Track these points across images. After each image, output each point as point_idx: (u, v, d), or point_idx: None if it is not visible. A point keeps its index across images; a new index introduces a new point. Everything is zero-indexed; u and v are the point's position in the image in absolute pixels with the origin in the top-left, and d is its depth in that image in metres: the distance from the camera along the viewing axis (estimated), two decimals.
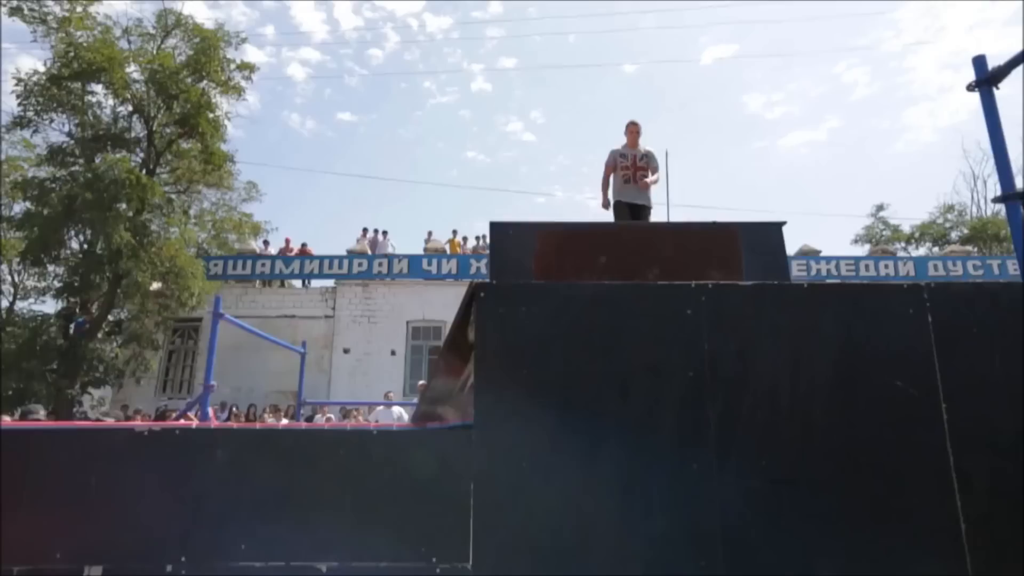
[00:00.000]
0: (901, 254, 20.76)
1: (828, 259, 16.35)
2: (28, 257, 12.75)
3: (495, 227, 4.07)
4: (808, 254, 16.45)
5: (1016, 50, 2.34)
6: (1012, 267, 16.00)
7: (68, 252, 13.59)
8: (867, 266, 16.33)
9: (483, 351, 1.97)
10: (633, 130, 5.44)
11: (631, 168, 5.34)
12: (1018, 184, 2.40)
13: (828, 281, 16.06)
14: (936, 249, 22.63)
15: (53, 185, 12.64)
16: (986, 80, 2.34)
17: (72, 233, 13.34)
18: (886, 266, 16.27)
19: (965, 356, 1.99)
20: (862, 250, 24.09)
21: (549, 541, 1.80)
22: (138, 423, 5.05)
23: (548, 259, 3.88)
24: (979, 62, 2.38)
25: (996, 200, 2.40)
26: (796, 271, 16.10)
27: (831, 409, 1.97)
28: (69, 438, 1.90)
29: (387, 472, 1.85)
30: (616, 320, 1.96)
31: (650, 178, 5.37)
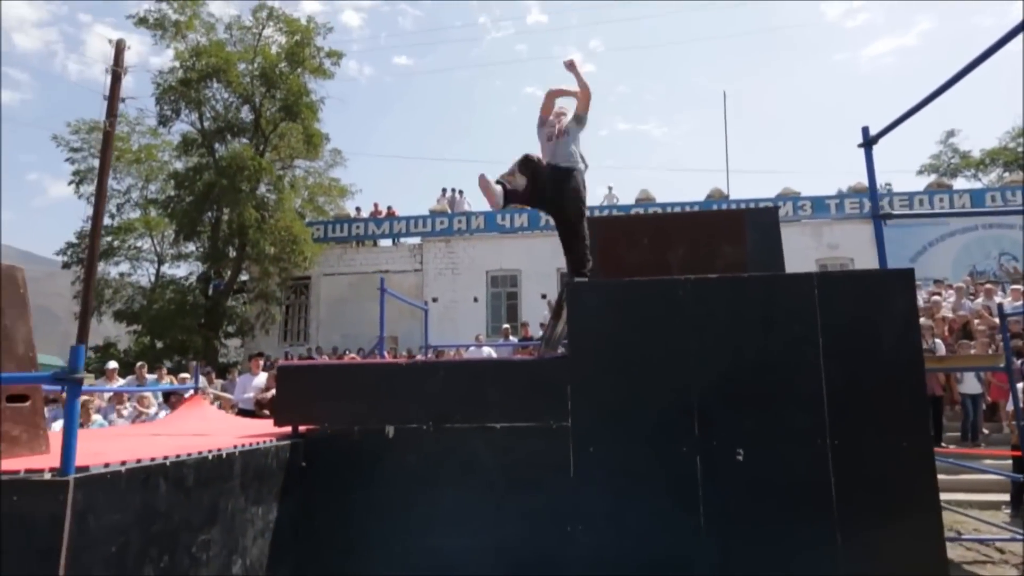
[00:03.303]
0: (967, 183, 20.78)
1: (880, 195, 16.97)
2: (182, 233, 15.47)
3: None
4: (860, 191, 17.12)
5: None
6: None
7: (208, 227, 16.26)
8: (921, 201, 16.88)
9: (571, 316, 3.78)
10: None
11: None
12: None
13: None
14: (1007, 176, 22.36)
15: (194, 174, 15.17)
16: (867, 143, 3.85)
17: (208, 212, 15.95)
18: (940, 200, 16.77)
19: (837, 316, 3.63)
20: (927, 180, 24.02)
21: (603, 413, 3.64)
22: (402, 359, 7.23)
23: (606, 247, 5.57)
24: (865, 131, 3.88)
25: (868, 216, 3.95)
26: (849, 209, 16.89)
27: (761, 348, 3.66)
28: (374, 368, 3.89)
29: (529, 377, 3.74)
30: (637, 301, 3.72)
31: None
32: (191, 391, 6.07)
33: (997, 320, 9.63)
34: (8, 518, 2.04)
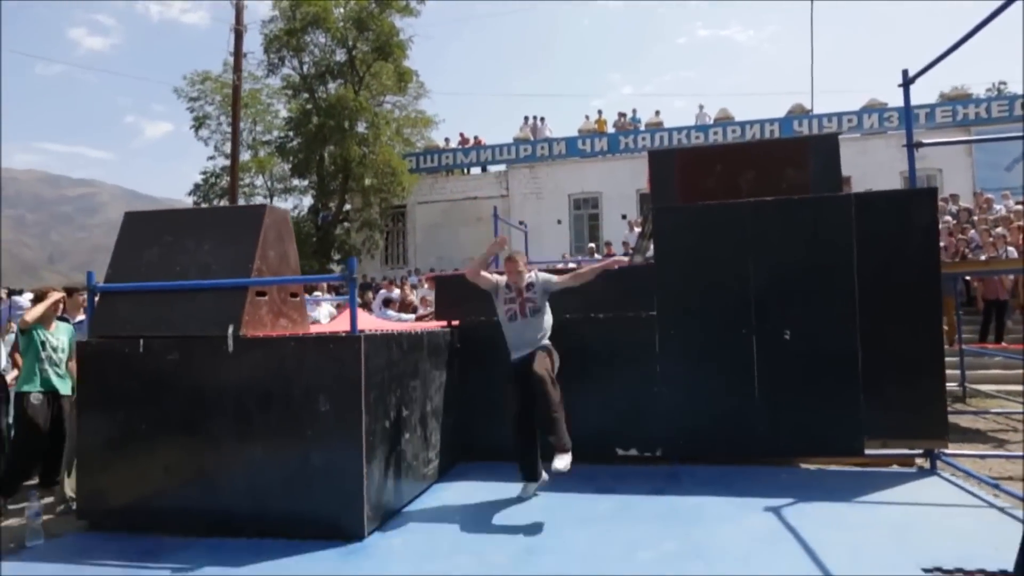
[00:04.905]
0: None
1: (978, 102, 16.40)
2: (296, 170, 17.35)
3: (653, 155, 6.84)
4: (956, 99, 16.58)
5: None
6: None
7: (315, 163, 18.06)
8: (1022, 105, 16.19)
9: (656, 233, 4.94)
10: (511, 267, 4.19)
11: (518, 298, 4.23)
12: None
13: (974, 127, 16.31)
14: None
15: (304, 117, 16.83)
16: (906, 83, 4.63)
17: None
18: None
19: (870, 229, 4.59)
20: None
21: (681, 305, 4.84)
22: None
23: (684, 173, 6.54)
24: (904, 72, 4.65)
25: (959, 124, 4.78)
26: (940, 118, 16.46)
27: (807, 254, 4.70)
28: None
29: (628, 281, 4.98)
30: (708, 220, 4.82)
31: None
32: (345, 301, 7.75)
33: None
34: (331, 356, 3.55)
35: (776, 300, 4.74)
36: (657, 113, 19.39)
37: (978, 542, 3.13)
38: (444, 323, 5.43)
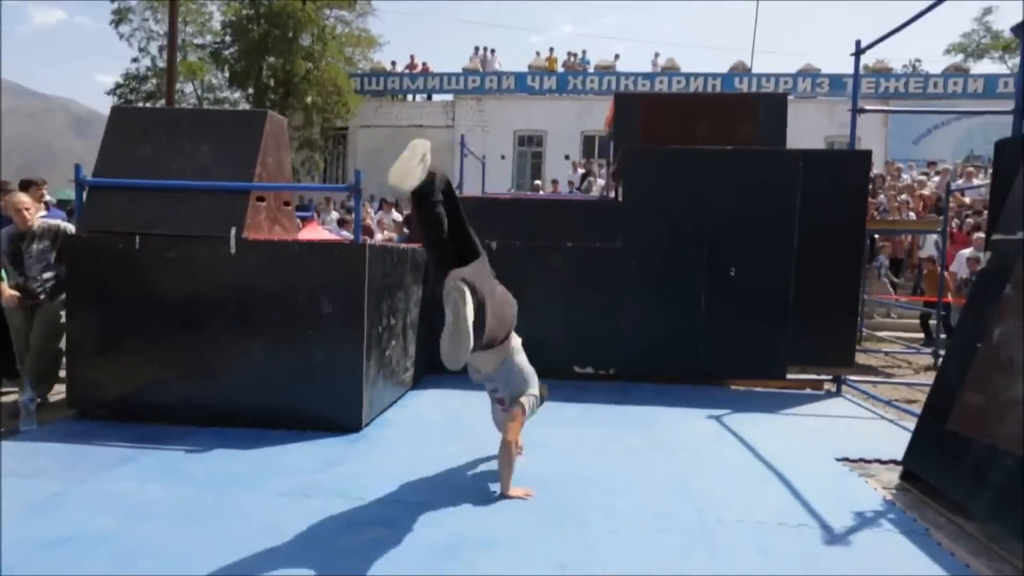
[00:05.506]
0: (991, 66, 21.09)
1: (898, 77, 17.63)
2: (235, 81, 16.38)
3: (619, 97, 7.18)
4: (880, 71, 17.73)
5: None
6: None
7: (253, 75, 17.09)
8: (936, 83, 17.56)
9: (624, 172, 5.34)
10: None
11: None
12: None
13: (893, 100, 17.58)
14: None
15: (247, 23, 15.77)
16: (857, 53, 5.16)
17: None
18: (955, 83, 17.44)
19: (813, 183, 5.18)
20: (955, 60, 24.12)
21: (642, 240, 5.33)
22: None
23: (647, 117, 6.94)
24: (857, 43, 5.18)
25: (879, 96, 5.37)
26: (865, 89, 17.57)
27: (757, 202, 5.25)
28: (486, 200, 5.53)
29: (592, 212, 5.39)
30: (672, 164, 5.27)
31: None
32: (310, 216, 7.77)
33: (967, 199, 11.17)
34: (336, 261, 3.78)
35: (726, 241, 5.31)
36: (616, 57, 19.57)
37: (875, 442, 3.87)
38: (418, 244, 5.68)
